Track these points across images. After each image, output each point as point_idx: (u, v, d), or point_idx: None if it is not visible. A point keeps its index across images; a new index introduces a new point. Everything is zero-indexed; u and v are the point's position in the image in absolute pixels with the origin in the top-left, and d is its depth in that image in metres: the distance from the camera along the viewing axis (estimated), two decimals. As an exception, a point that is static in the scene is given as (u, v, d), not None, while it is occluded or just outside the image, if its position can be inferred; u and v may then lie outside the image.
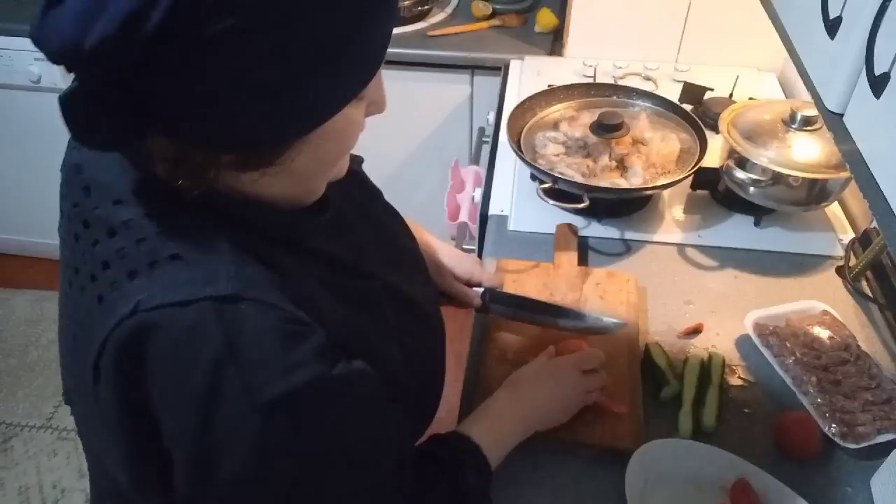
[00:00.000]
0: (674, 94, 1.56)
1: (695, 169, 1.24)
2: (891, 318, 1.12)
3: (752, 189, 1.22)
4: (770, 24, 0.90)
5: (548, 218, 1.29)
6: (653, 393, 1.00)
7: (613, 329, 1.03)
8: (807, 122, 1.19)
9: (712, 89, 1.61)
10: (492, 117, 1.69)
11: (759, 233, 1.29)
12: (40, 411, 2.15)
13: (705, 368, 1.02)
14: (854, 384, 0.98)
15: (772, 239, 1.28)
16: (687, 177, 1.25)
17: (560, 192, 1.23)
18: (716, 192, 1.35)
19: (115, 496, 0.71)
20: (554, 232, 1.26)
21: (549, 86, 1.51)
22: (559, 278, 1.16)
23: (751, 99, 1.54)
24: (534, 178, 1.37)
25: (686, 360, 1.03)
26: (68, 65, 0.49)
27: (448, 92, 1.96)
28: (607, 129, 1.29)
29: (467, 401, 0.99)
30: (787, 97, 1.67)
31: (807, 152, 1.17)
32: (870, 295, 1.17)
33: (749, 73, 1.73)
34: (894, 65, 0.56)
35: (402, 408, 0.70)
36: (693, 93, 1.60)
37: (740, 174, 1.20)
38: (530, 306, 1.05)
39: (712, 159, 1.30)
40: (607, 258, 1.25)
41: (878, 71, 0.58)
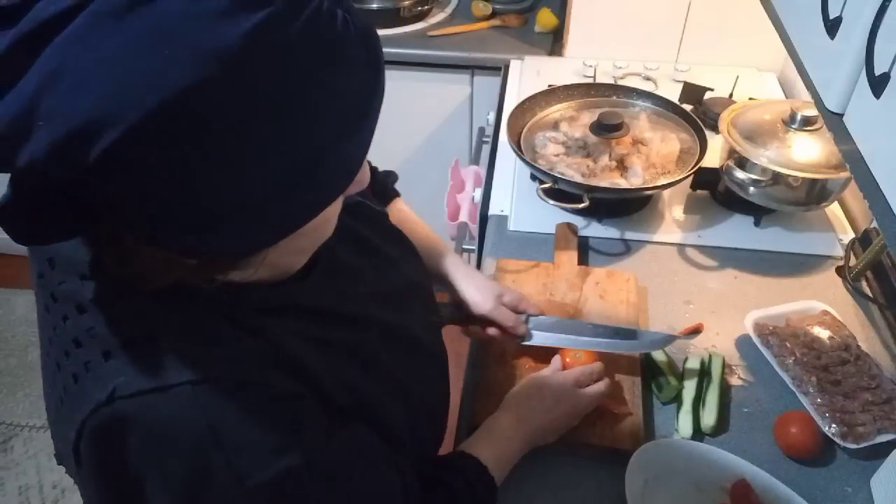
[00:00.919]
0: (674, 94, 1.56)
1: (695, 169, 1.24)
2: (891, 318, 1.12)
3: (752, 189, 1.22)
4: (770, 24, 0.90)
5: (548, 218, 1.29)
6: (653, 393, 1.00)
7: (666, 345, 1.00)
8: (807, 122, 1.18)
9: (712, 89, 1.61)
10: (492, 117, 1.69)
11: (759, 233, 1.29)
12: (40, 411, 2.15)
13: (705, 368, 1.02)
14: (854, 384, 0.98)
15: (772, 239, 1.28)
16: (687, 177, 1.25)
17: (560, 192, 1.23)
18: (716, 192, 1.35)
19: None
20: (554, 232, 1.26)
21: (549, 86, 1.51)
22: (559, 278, 1.16)
23: (751, 99, 1.54)
24: (534, 178, 1.37)
25: (686, 360, 1.03)
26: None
27: (448, 92, 1.96)
28: (607, 129, 1.29)
29: (468, 401, 0.99)
30: (787, 97, 1.67)
31: (807, 152, 1.17)
32: (870, 295, 1.17)
33: (749, 73, 1.73)
34: (894, 65, 0.56)
35: (402, 451, 0.68)
36: (693, 93, 1.60)
37: (740, 174, 1.20)
38: (576, 329, 1.00)
39: (712, 159, 1.30)
40: (607, 258, 1.25)
41: (878, 71, 0.58)
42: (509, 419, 0.87)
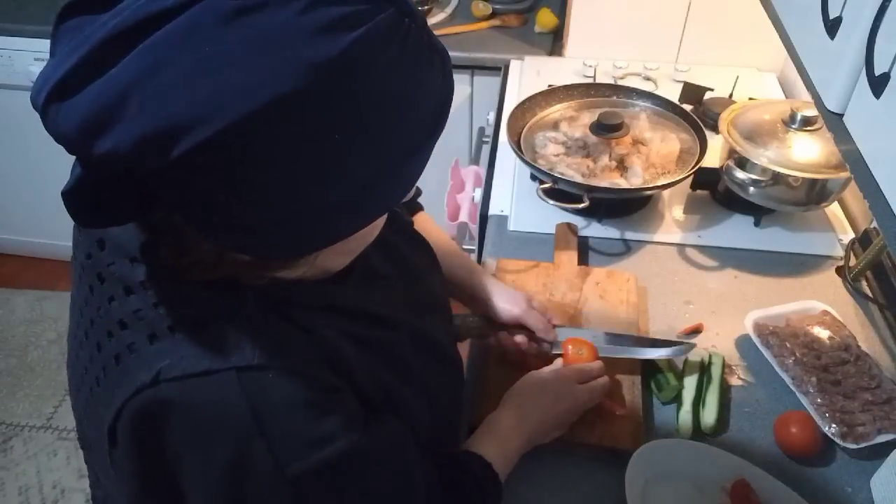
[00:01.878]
0: (674, 94, 1.56)
1: (695, 169, 1.24)
2: (891, 318, 1.12)
3: (752, 189, 1.22)
4: (770, 24, 0.90)
5: (548, 218, 1.29)
6: (653, 393, 1.00)
7: (688, 352, 1.01)
8: (807, 122, 1.18)
9: (712, 89, 1.61)
10: (492, 117, 1.69)
11: (759, 233, 1.29)
12: (40, 411, 2.15)
13: (705, 368, 1.02)
14: (854, 384, 0.98)
15: (772, 239, 1.28)
16: (687, 177, 1.25)
17: (560, 192, 1.23)
18: (716, 192, 1.35)
19: None
20: (554, 232, 1.26)
21: (549, 86, 1.51)
22: (559, 278, 1.16)
23: (751, 99, 1.54)
24: (534, 178, 1.37)
25: (686, 360, 1.03)
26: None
27: (448, 92, 1.96)
28: (607, 129, 1.29)
29: (468, 401, 0.98)
30: (787, 97, 1.67)
31: (807, 152, 1.17)
32: (870, 295, 1.17)
33: (749, 73, 1.73)
34: (894, 65, 0.56)
35: (425, 453, 0.69)
36: (693, 93, 1.60)
37: (740, 174, 1.20)
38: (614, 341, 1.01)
39: (712, 159, 1.30)
40: (607, 258, 1.25)
41: (878, 71, 0.58)
42: (510, 416, 0.87)
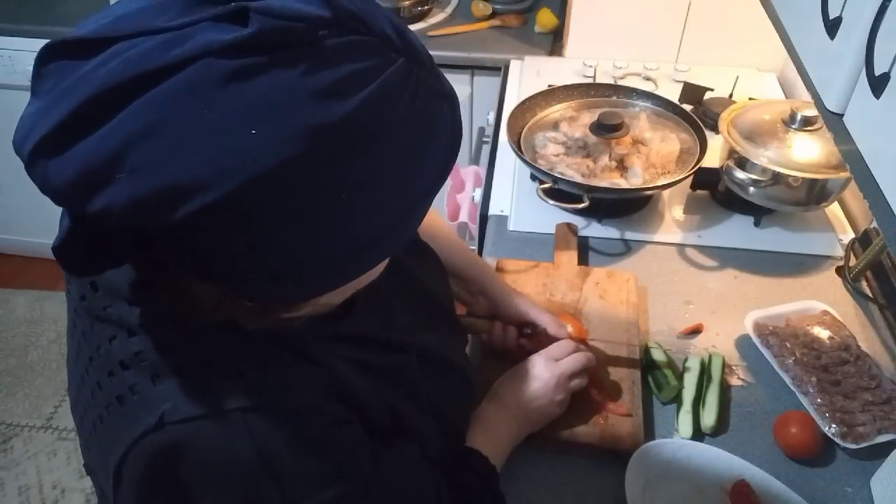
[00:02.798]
0: (674, 94, 1.56)
1: (695, 169, 1.24)
2: (891, 318, 1.12)
3: (752, 189, 1.22)
4: (770, 24, 0.90)
5: (548, 218, 1.29)
6: (653, 393, 1.00)
7: None
8: (807, 122, 1.18)
9: (712, 89, 1.61)
10: (492, 117, 1.69)
11: (759, 233, 1.29)
12: (40, 411, 2.15)
13: (705, 368, 1.02)
14: (854, 384, 0.98)
15: (772, 239, 1.28)
16: (687, 177, 1.25)
17: (560, 192, 1.23)
18: (716, 193, 1.35)
19: None
20: (554, 232, 1.26)
21: (549, 86, 1.51)
22: (559, 278, 1.16)
23: (751, 99, 1.54)
24: (534, 178, 1.37)
25: (686, 360, 1.03)
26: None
27: (448, 92, 1.96)
28: (607, 129, 1.29)
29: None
30: (787, 97, 1.67)
31: (807, 152, 1.17)
32: (870, 295, 1.17)
33: (749, 73, 1.73)
34: (894, 65, 0.56)
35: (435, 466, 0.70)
36: (693, 93, 1.60)
37: (740, 174, 1.20)
38: None
39: (712, 159, 1.30)
40: (607, 258, 1.25)
41: (878, 71, 0.58)
42: (493, 405, 0.88)
